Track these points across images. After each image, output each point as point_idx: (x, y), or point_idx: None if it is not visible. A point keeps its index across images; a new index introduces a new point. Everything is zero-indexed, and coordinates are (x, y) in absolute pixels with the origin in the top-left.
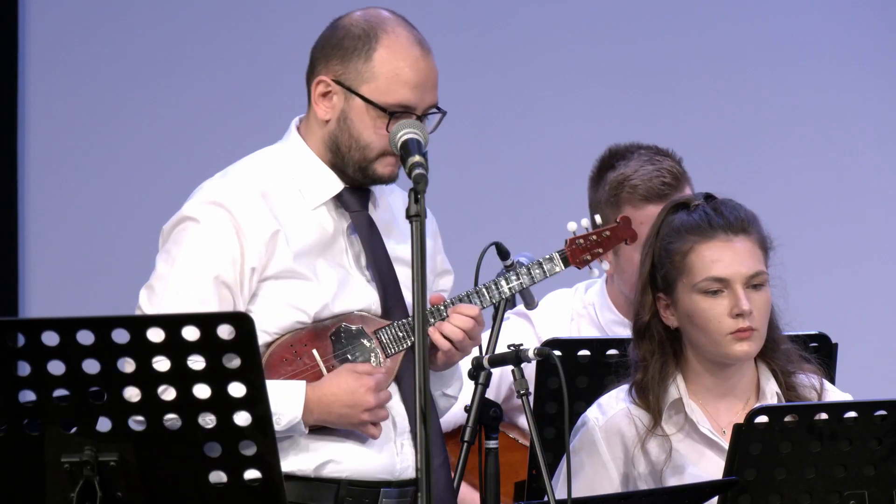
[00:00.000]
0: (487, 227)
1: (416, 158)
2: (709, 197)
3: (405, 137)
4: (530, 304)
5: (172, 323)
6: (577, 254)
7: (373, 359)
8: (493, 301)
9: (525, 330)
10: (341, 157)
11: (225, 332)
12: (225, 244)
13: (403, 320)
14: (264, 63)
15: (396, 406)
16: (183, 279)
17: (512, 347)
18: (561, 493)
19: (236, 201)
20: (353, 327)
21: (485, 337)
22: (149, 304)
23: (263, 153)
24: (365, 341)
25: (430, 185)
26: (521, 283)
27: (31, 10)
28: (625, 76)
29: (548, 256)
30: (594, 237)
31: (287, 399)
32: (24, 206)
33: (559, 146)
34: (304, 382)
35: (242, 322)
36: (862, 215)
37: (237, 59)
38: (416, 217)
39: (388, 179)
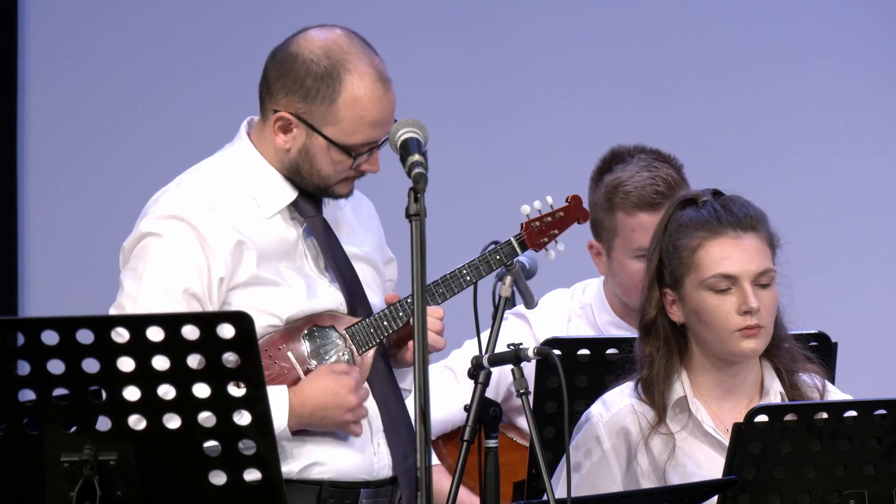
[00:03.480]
0: (487, 227)
1: (416, 158)
2: (716, 193)
3: (405, 136)
4: (530, 303)
5: (172, 322)
6: (535, 237)
7: (346, 356)
8: (458, 291)
9: (522, 330)
10: (301, 179)
11: (224, 331)
12: (190, 256)
13: (373, 316)
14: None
15: (369, 405)
16: (152, 294)
17: (511, 347)
18: (562, 492)
19: (195, 214)
20: (325, 326)
21: (484, 336)
22: None
23: (215, 162)
24: (337, 339)
25: (429, 185)
26: (479, 271)
27: (31, 10)
28: (626, 76)
29: (504, 242)
30: (548, 219)
31: (272, 407)
32: (24, 206)
33: (559, 146)
34: (285, 388)
35: (242, 321)
36: (862, 215)
37: (237, 59)
38: (415, 216)
39: (347, 196)
